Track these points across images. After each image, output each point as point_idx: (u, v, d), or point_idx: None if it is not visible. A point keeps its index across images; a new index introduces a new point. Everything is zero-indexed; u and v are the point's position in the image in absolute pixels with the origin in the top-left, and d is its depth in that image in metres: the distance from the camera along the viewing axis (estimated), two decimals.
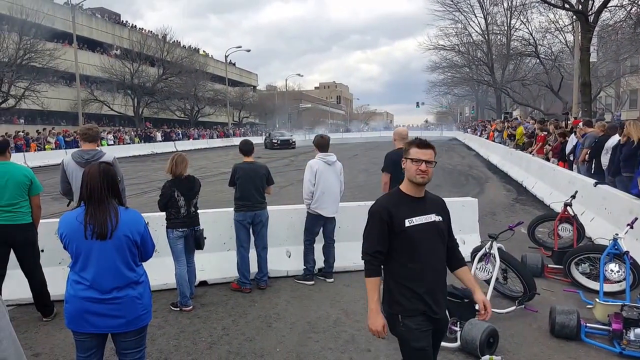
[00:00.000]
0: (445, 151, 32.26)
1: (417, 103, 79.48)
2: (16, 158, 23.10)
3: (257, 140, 38.43)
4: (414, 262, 2.77)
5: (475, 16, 41.87)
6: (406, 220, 2.77)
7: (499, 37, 41.47)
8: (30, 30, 31.88)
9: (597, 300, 4.94)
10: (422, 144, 2.87)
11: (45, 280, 5.14)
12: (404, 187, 2.90)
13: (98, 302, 2.84)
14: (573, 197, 7.08)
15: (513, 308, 5.18)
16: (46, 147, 29.98)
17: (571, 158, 11.89)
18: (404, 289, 2.78)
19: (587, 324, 4.67)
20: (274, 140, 40.28)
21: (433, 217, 2.85)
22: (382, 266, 2.84)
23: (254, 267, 6.12)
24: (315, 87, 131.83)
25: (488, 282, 5.27)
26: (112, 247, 2.86)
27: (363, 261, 2.84)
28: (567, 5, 20.25)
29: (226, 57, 60.31)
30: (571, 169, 11.70)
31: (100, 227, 2.81)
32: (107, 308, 2.85)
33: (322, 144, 6.27)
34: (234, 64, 72.47)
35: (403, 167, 2.89)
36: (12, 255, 5.00)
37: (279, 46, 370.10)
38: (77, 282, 2.87)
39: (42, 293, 5.13)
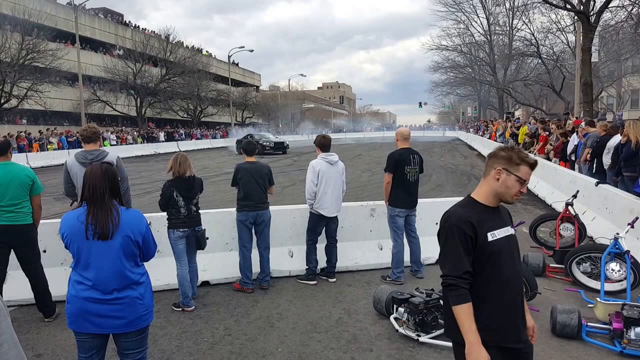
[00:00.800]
0: (448, 151, 32.27)
1: (420, 103, 79.49)
2: (19, 158, 23.20)
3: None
4: (494, 284, 2.37)
5: (478, 16, 42.06)
6: (489, 234, 2.36)
7: (501, 37, 41.55)
8: (32, 31, 31.94)
9: (598, 299, 4.94)
10: (535, 165, 2.45)
11: (46, 280, 5.15)
12: (483, 197, 2.47)
13: (99, 303, 2.85)
14: (574, 196, 7.08)
15: None
16: (49, 147, 30.06)
17: (572, 158, 11.88)
18: (476, 316, 2.32)
19: (588, 323, 4.67)
20: (264, 144, 33.88)
21: (510, 230, 2.46)
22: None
23: (256, 267, 6.13)
24: (319, 87, 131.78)
25: None
26: (114, 247, 2.86)
27: (445, 286, 2.36)
28: (568, 6, 20.27)
29: (229, 57, 60.42)
30: (573, 168, 11.70)
31: (101, 227, 2.82)
32: (108, 308, 2.86)
33: (324, 144, 6.28)
34: (237, 64, 72.54)
35: (497, 178, 2.42)
36: (13, 256, 5.01)
37: (283, 46, 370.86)
38: (78, 282, 2.88)
39: (44, 294, 5.14)
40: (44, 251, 5.35)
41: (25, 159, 24.71)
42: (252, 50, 60.34)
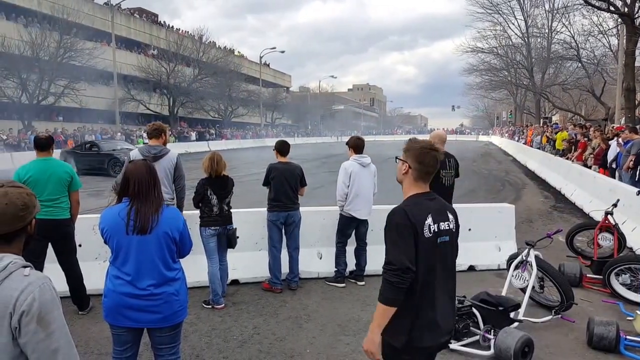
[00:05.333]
0: (481, 156, 31.75)
1: (453, 106, 78.58)
2: (55, 155, 23.67)
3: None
4: None
5: (515, 18, 40.93)
6: None
7: (539, 40, 40.46)
8: (71, 30, 32.77)
9: (638, 312, 4.78)
10: None
11: (81, 274, 5.26)
12: None
13: (136, 298, 2.90)
14: (614, 205, 6.85)
15: (549, 317, 5.05)
16: None
17: (613, 166, 11.50)
18: None
19: (627, 337, 4.51)
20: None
21: None
22: None
23: (285, 268, 6.13)
24: (349, 89, 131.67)
25: (524, 290, 5.15)
26: (152, 243, 2.91)
27: None
28: (612, 8, 19.64)
29: (260, 58, 60.92)
30: (613, 176, 11.33)
31: (142, 222, 2.87)
32: (145, 303, 2.91)
33: (358, 145, 6.20)
34: (268, 65, 72.98)
35: None
36: (50, 249, 5.13)
37: (315, 47, 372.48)
38: (116, 277, 2.94)
39: (78, 287, 5.25)
40: (80, 245, 5.46)
41: (58, 155, 25.36)
42: (283, 52, 60.93)
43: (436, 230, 2.53)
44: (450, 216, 2.65)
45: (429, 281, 2.53)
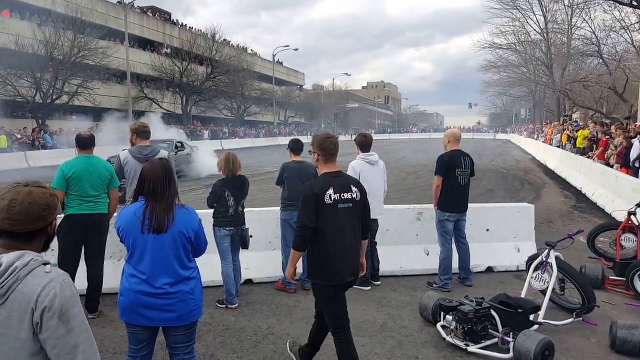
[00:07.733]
0: (499, 155, 31.41)
1: (470, 104, 77.89)
2: (70, 153, 23.79)
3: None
4: None
5: (534, 14, 40.27)
6: None
7: (559, 36, 39.75)
8: (85, 29, 32.93)
9: None
10: None
11: (102, 275, 5.21)
12: None
13: (152, 296, 2.90)
14: (638, 205, 6.66)
15: (570, 320, 4.93)
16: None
17: (637, 165, 11.24)
18: None
19: None
20: None
21: None
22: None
23: (299, 268, 6.04)
24: (363, 87, 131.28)
25: (544, 292, 5.02)
26: (168, 242, 2.91)
27: None
28: (634, 3, 19.21)
29: (274, 56, 60.91)
30: (636, 176, 11.07)
31: (158, 221, 2.87)
32: (161, 302, 2.91)
33: (364, 144, 6.07)
34: (282, 63, 72.90)
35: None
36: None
37: (329, 44, 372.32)
38: (132, 275, 2.94)
39: (96, 289, 5.18)
40: None
41: (75, 153, 25.51)
42: (296, 49, 60.72)
43: (337, 198, 3.40)
44: (355, 189, 3.51)
45: (335, 234, 3.39)
